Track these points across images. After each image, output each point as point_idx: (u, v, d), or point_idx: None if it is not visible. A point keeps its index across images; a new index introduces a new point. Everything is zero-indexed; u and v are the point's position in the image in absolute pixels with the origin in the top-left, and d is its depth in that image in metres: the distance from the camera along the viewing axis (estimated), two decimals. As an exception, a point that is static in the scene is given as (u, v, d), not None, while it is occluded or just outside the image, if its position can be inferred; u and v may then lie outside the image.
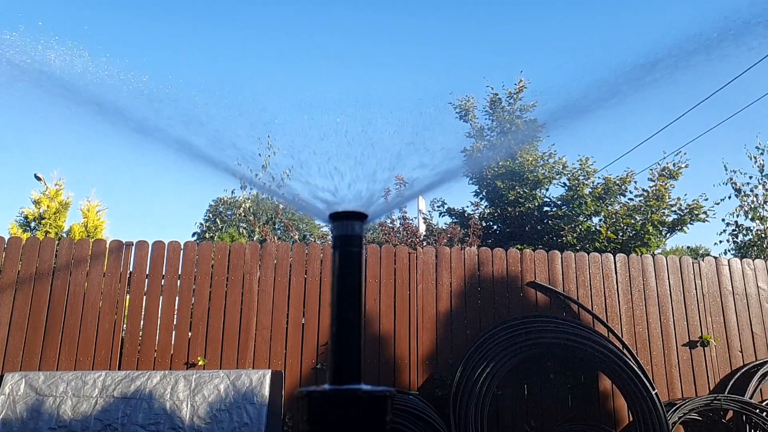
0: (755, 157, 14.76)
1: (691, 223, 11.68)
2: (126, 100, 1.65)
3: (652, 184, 11.98)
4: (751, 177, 14.74)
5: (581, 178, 12.41)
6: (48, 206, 11.69)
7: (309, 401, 1.08)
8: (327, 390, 1.11)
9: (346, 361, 1.14)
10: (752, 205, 14.36)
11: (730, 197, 14.70)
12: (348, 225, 1.20)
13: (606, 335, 6.51)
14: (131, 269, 6.19)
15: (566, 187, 12.57)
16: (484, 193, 13.20)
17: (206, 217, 23.46)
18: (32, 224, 11.60)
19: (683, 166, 12.05)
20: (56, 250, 6.16)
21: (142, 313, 6.09)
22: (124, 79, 1.68)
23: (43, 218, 11.56)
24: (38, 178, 12.68)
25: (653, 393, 5.99)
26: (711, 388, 6.71)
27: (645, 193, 11.91)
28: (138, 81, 1.66)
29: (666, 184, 11.77)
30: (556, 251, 6.96)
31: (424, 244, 10.78)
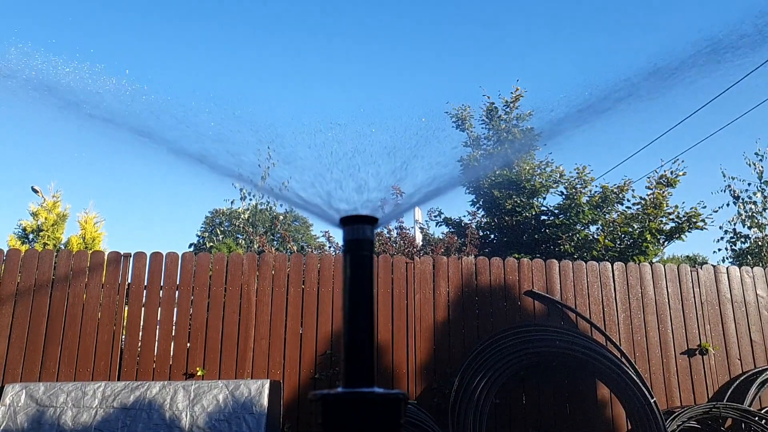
0: (754, 164, 14.68)
1: (689, 231, 11.69)
2: (130, 111, 1.66)
3: (649, 192, 11.98)
4: (749, 184, 14.66)
5: (578, 186, 12.43)
6: (46, 218, 11.68)
7: (324, 404, 1.09)
8: (341, 392, 1.12)
9: (359, 364, 1.15)
10: (750, 213, 14.31)
11: (728, 204, 14.62)
12: (359, 229, 1.21)
13: (604, 344, 6.53)
14: (129, 280, 6.18)
15: (563, 196, 12.58)
16: (480, 203, 13.18)
17: (203, 228, 23.45)
18: (30, 236, 11.59)
19: (681, 173, 12.06)
20: (55, 262, 6.16)
21: (141, 324, 6.08)
22: (130, 91, 1.69)
23: (41, 230, 11.55)
24: (35, 191, 12.65)
25: (652, 401, 5.99)
26: (710, 396, 6.71)
27: (643, 202, 11.92)
28: (141, 92, 1.67)
29: (664, 192, 11.78)
30: (554, 260, 6.97)
31: (421, 253, 10.79)
